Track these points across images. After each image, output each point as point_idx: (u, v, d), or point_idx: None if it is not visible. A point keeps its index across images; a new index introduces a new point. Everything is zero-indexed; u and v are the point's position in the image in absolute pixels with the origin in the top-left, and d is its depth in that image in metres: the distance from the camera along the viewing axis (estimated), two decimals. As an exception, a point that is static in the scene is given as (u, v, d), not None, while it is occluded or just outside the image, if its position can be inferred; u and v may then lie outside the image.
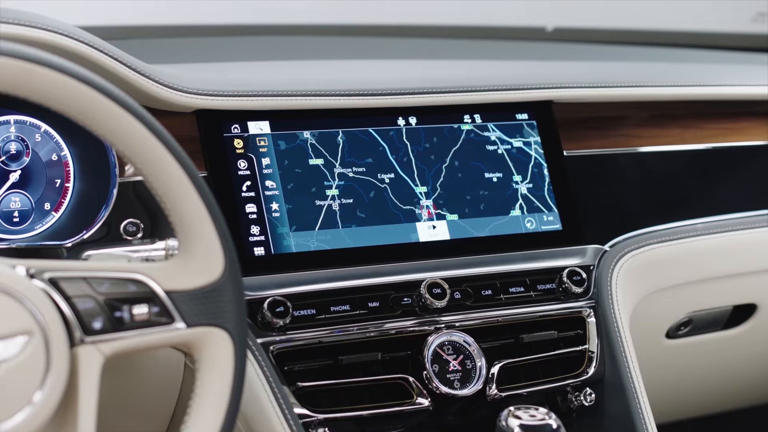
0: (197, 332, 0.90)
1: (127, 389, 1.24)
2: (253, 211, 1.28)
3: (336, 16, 2.00)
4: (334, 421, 1.21)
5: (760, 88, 1.68)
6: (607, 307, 1.38)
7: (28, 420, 0.82)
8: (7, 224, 1.23)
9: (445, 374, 1.25)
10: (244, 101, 1.30)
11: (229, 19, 1.94)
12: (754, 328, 1.70)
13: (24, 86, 0.85)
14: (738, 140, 1.67)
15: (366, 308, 1.27)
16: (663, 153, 1.59)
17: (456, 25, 2.11)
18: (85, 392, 0.85)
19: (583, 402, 1.34)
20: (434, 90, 1.40)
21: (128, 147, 0.89)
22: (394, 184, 1.36)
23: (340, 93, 1.35)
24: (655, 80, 1.57)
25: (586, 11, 2.20)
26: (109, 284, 0.88)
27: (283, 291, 1.23)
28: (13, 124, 1.25)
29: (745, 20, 2.30)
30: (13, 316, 0.83)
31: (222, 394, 0.90)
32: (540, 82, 1.48)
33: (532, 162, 1.45)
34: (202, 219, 0.91)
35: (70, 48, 1.17)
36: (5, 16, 1.13)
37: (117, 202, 1.22)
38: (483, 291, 1.34)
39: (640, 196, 1.54)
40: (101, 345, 0.86)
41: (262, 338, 1.20)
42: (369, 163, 1.36)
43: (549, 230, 1.43)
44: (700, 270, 1.56)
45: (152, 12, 1.86)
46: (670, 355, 1.67)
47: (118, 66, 1.21)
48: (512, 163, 1.43)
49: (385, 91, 1.37)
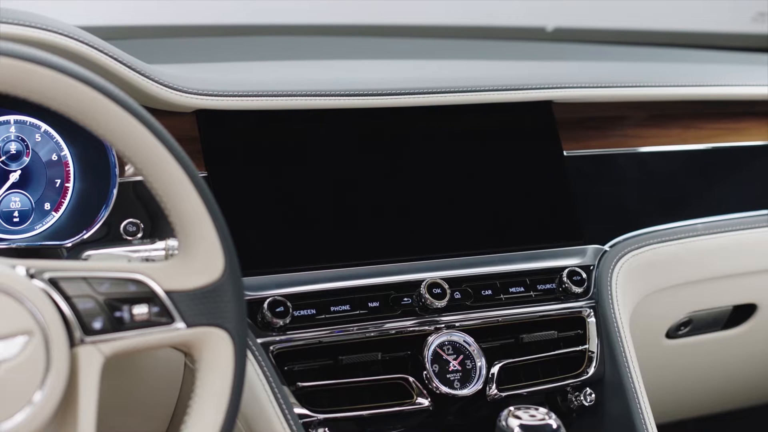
0: (197, 332, 0.90)
1: (127, 389, 1.24)
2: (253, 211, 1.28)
3: (336, 16, 2.00)
4: (334, 421, 1.21)
5: (760, 88, 1.68)
6: (607, 307, 1.38)
7: (28, 420, 0.82)
8: (7, 224, 1.23)
9: (445, 374, 1.25)
10: (244, 101, 1.30)
11: (229, 19, 1.94)
12: (754, 328, 1.70)
13: (24, 86, 0.85)
14: (738, 140, 1.67)
15: (366, 308, 1.28)
16: (663, 153, 1.59)
17: (456, 25, 2.11)
18: (85, 392, 0.85)
19: (583, 402, 1.34)
20: (434, 90, 1.40)
21: (128, 147, 0.89)
22: (394, 184, 1.36)
23: (340, 93, 1.35)
24: (655, 80, 1.57)
25: (586, 11, 2.20)
26: (109, 284, 0.88)
27: (283, 291, 1.24)
28: (13, 124, 1.25)
29: (745, 20, 2.30)
30: (13, 316, 0.83)
31: (222, 394, 0.90)
32: (540, 82, 1.47)
33: (532, 162, 1.45)
34: (202, 219, 0.91)
35: (70, 48, 1.17)
36: (5, 16, 1.13)
37: (117, 202, 1.22)
38: (483, 291, 1.34)
39: (640, 196, 1.54)
40: (101, 345, 0.86)
41: (262, 338, 1.20)
42: (369, 162, 1.36)
43: (549, 230, 1.43)
44: (700, 270, 1.56)
45: (152, 12, 1.86)
46: (670, 355, 1.67)
47: (118, 66, 1.21)
48: (512, 163, 1.43)
49: (384, 91, 1.37)
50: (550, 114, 1.48)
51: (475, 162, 1.42)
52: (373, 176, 1.35)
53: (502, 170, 1.43)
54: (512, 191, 1.42)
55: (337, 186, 1.33)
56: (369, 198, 1.34)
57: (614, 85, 1.54)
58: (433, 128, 1.41)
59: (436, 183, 1.38)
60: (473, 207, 1.39)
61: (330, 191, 1.33)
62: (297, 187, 1.31)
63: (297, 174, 1.32)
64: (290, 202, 1.31)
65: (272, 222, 1.29)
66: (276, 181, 1.31)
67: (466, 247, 1.37)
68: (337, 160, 1.34)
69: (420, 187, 1.37)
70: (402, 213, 1.35)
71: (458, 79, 1.46)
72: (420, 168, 1.38)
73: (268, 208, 1.29)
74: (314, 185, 1.32)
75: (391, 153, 1.37)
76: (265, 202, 1.29)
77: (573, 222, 1.44)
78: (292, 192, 1.31)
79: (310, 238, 1.30)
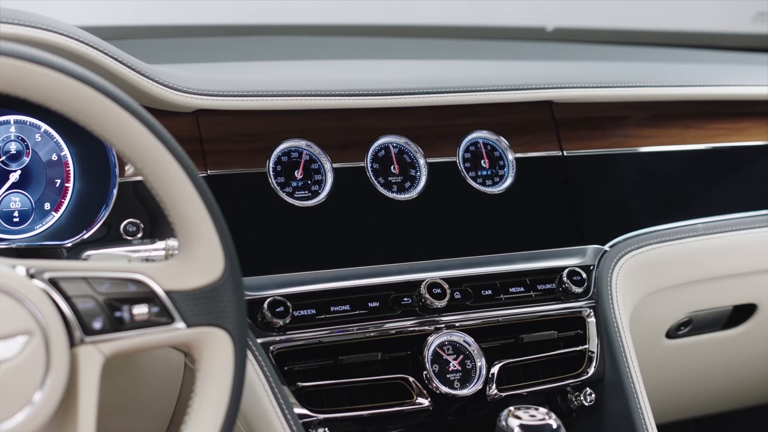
0: (197, 332, 0.90)
1: (127, 389, 1.24)
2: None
3: (336, 16, 2.00)
4: (334, 421, 1.21)
5: (760, 88, 1.68)
6: (607, 307, 1.38)
7: (28, 420, 0.82)
8: (7, 224, 1.23)
9: (445, 374, 1.25)
10: (244, 101, 1.30)
11: (229, 19, 1.94)
12: (754, 328, 1.70)
13: (24, 86, 0.85)
14: (738, 140, 1.67)
15: (366, 308, 1.27)
16: (663, 153, 1.58)
17: (456, 25, 2.11)
18: (85, 392, 0.85)
19: (583, 402, 1.34)
20: (434, 90, 1.40)
21: (128, 147, 0.89)
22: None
23: (340, 93, 1.35)
24: (655, 80, 1.57)
25: (586, 11, 2.20)
26: (109, 284, 0.88)
27: (283, 291, 1.23)
28: (13, 124, 1.25)
29: (745, 20, 2.30)
30: (13, 316, 0.83)
31: (222, 394, 0.90)
32: (540, 82, 1.47)
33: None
34: (202, 219, 0.91)
35: (70, 48, 1.17)
36: (5, 16, 1.13)
37: (117, 202, 1.22)
38: (483, 291, 1.34)
39: (640, 196, 1.54)
40: (101, 345, 0.86)
41: (262, 338, 1.20)
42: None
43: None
44: (700, 270, 1.56)
45: (152, 12, 1.86)
46: (670, 355, 1.67)
47: (118, 66, 1.21)
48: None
49: (385, 91, 1.37)
50: (550, 114, 1.48)
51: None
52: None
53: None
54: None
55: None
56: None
57: (614, 85, 1.54)
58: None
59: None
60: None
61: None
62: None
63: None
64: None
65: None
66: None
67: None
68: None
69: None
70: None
71: (458, 79, 1.46)
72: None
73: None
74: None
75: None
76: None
77: (573, 222, 1.44)
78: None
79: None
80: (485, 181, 1.42)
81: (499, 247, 1.38)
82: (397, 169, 1.37)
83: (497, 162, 1.43)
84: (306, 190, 1.32)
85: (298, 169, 1.33)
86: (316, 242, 1.30)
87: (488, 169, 1.42)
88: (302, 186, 1.32)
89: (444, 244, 1.36)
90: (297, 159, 1.33)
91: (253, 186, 1.30)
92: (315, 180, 1.33)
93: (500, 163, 1.43)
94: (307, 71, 1.61)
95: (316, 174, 1.33)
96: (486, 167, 1.42)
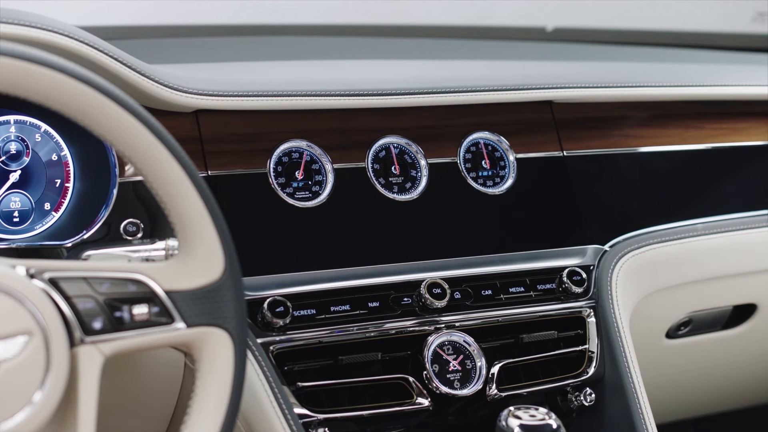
0: (197, 332, 0.90)
1: (127, 389, 1.24)
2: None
3: (336, 16, 2.00)
4: (334, 421, 1.21)
5: (760, 88, 1.68)
6: (607, 307, 1.38)
7: (28, 420, 0.82)
8: (7, 224, 1.23)
9: (445, 374, 1.25)
10: (244, 101, 1.30)
11: (229, 19, 1.94)
12: (754, 328, 1.70)
13: (24, 86, 0.85)
14: (738, 140, 1.67)
15: (366, 308, 1.28)
16: (663, 153, 1.58)
17: (456, 25, 2.11)
18: (85, 392, 0.85)
19: (583, 402, 1.34)
20: (435, 90, 1.40)
21: (128, 147, 0.89)
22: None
23: (340, 93, 1.35)
24: (655, 80, 1.57)
25: (586, 11, 2.20)
26: (109, 284, 0.88)
27: (283, 291, 1.24)
28: (13, 124, 1.25)
29: (745, 20, 2.30)
30: (13, 316, 0.83)
31: (222, 394, 0.90)
32: (540, 82, 1.48)
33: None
34: (202, 219, 0.91)
35: (70, 48, 1.17)
36: (5, 16, 1.13)
37: (117, 202, 1.22)
38: (483, 291, 1.34)
39: (640, 196, 1.54)
40: (101, 345, 0.86)
41: (262, 338, 1.20)
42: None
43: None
44: (700, 270, 1.56)
45: (152, 12, 1.86)
46: (670, 355, 1.67)
47: (118, 66, 1.21)
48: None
49: (385, 92, 1.37)
50: (550, 114, 1.48)
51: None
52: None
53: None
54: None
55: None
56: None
57: (614, 85, 1.54)
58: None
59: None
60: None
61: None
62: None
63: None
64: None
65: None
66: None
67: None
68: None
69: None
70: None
71: (458, 79, 1.46)
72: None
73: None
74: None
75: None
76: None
77: (573, 222, 1.44)
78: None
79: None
80: (486, 181, 1.42)
81: (499, 247, 1.38)
82: (398, 169, 1.38)
83: (498, 163, 1.43)
84: (307, 191, 1.32)
85: (298, 170, 1.33)
86: (316, 242, 1.30)
87: (489, 170, 1.42)
88: (303, 186, 1.32)
89: (444, 244, 1.36)
90: (298, 159, 1.33)
91: (253, 186, 1.30)
92: (316, 180, 1.33)
93: (501, 163, 1.43)
94: (308, 71, 1.61)
95: (317, 174, 1.33)
96: (487, 168, 1.42)
